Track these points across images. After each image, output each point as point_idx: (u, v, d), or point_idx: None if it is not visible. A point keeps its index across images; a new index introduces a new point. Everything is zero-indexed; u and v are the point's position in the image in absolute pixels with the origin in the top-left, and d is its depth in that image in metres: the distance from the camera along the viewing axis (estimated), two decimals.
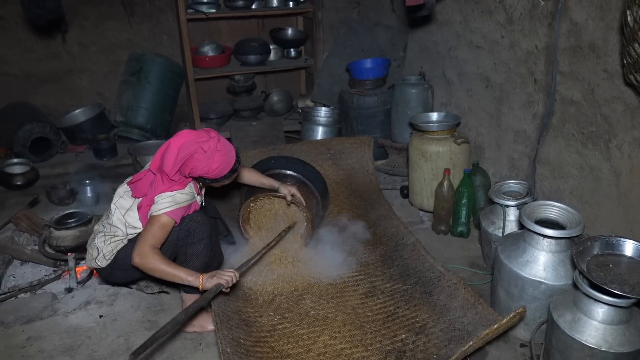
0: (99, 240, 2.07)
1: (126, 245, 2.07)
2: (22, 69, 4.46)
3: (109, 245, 2.06)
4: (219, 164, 1.99)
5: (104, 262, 2.07)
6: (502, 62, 2.87)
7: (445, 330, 2.09)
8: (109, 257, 2.07)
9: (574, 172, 2.46)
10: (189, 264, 2.07)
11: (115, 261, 2.08)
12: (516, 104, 2.81)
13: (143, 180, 2.07)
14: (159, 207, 1.96)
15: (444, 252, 2.80)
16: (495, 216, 2.49)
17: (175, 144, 1.96)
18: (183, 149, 1.95)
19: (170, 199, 1.97)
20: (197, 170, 1.97)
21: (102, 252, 2.06)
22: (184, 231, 2.05)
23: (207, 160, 1.96)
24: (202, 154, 1.95)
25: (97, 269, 2.13)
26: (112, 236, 2.06)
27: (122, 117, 4.40)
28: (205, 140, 1.97)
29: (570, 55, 2.37)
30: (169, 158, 1.95)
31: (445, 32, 3.40)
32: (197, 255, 2.10)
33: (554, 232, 1.96)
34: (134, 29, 4.65)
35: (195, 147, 1.95)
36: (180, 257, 2.10)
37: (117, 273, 2.14)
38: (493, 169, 3.11)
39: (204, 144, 1.96)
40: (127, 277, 2.22)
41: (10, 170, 3.74)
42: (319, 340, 2.10)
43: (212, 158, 1.96)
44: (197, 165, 1.96)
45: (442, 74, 3.52)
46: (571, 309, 1.78)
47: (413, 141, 3.10)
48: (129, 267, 2.07)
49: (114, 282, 2.36)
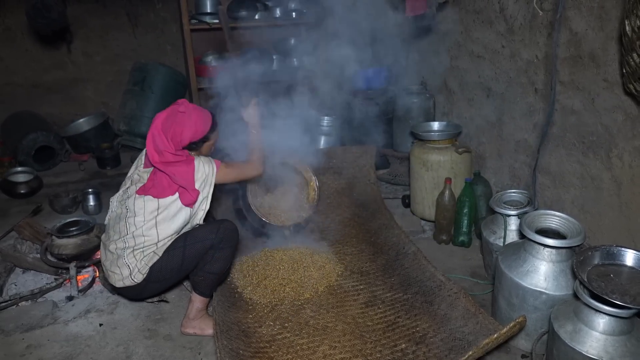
0: (128, 257, 2.06)
1: (160, 258, 2.08)
2: (28, 79, 4.52)
3: (142, 261, 2.06)
4: (200, 119, 2.12)
5: (139, 278, 2.08)
6: (503, 71, 2.88)
7: (445, 340, 2.07)
8: (144, 271, 2.07)
9: (575, 181, 2.45)
10: (213, 266, 2.14)
11: (151, 274, 2.09)
12: (517, 113, 2.81)
13: (158, 180, 2.09)
14: (209, 172, 2.12)
15: (445, 261, 2.79)
16: (497, 226, 2.48)
17: (156, 126, 2.07)
18: (164, 123, 2.06)
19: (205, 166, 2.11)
20: (185, 133, 2.07)
21: (137, 267, 2.06)
22: (219, 237, 2.11)
23: (188, 118, 2.08)
24: (181, 115, 2.08)
25: (130, 286, 2.12)
26: (142, 250, 2.06)
27: (126, 126, 4.43)
28: (177, 106, 2.12)
29: (570, 64, 2.37)
30: (159, 139, 2.04)
31: (446, 42, 3.42)
32: (223, 259, 2.15)
33: (554, 241, 1.95)
34: (139, 39, 4.71)
35: (172, 116, 2.08)
36: (207, 258, 2.13)
37: (152, 286, 2.16)
38: (494, 178, 3.11)
39: (178, 107, 2.11)
40: (161, 288, 2.26)
41: (14, 178, 3.77)
42: (319, 350, 2.09)
43: (191, 116, 2.09)
44: (183, 129, 2.06)
45: (444, 84, 3.54)
46: (572, 319, 1.77)
47: (414, 150, 3.11)
48: (164, 278, 2.13)
49: (147, 296, 2.35)
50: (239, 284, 2.52)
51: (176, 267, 2.11)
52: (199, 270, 2.15)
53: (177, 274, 2.15)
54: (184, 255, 2.09)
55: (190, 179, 2.07)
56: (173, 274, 2.14)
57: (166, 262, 2.08)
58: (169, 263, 2.09)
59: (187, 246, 2.09)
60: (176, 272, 2.14)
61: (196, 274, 2.17)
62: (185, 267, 2.14)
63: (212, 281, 2.18)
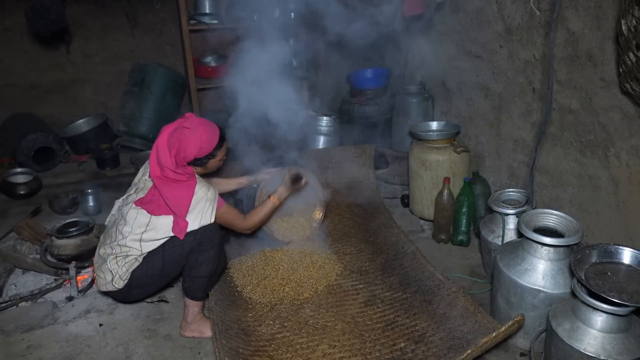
0: (111, 263, 2.05)
1: (141, 264, 2.07)
2: (27, 80, 4.52)
3: (123, 267, 2.05)
4: (206, 135, 2.06)
5: (120, 284, 2.07)
6: (500, 71, 2.89)
7: (444, 338, 2.08)
8: (125, 277, 2.06)
9: (573, 180, 2.46)
10: (199, 270, 2.11)
11: (132, 281, 2.07)
12: (515, 112, 2.82)
13: (157, 196, 2.05)
14: (207, 211, 2.06)
15: (444, 260, 2.79)
16: (495, 225, 2.49)
17: (162, 140, 2.02)
18: (170, 138, 2.02)
19: (206, 202, 2.06)
20: (189, 149, 2.03)
21: (118, 273, 2.05)
22: (197, 240, 2.06)
23: (193, 134, 2.03)
24: (187, 130, 2.03)
25: (113, 291, 2.12)
26: (124, 257, 2.05)
27: (125, 127, 4.44)
28: (184, 121, 2.07)
29: (567, 64, 2.38)
30: (163, 154, 1.99)
31: (444, 42, 3.43)
32: (207, 261, 2.11)
33: (552, 240, 1.96)
34: (137, 40, 4.71)
35: (178, 131, 2.03)
36: (190, 263, 2.10)
37: (135, 292, 2.15)
38: (493, 177, 3.12)
39: (184, 122, 2.05)
40: (146, 294, 2.25)
41: (14, 179, 3.77)
42: (318, 349, 2.10)
43: (197, 131, 2.04)
44: (187, 145, 2.02)
45: (442, 84, 3.54)
46: (570, 317, 1.78)
47: (413, 150, 3.11)
48: (146, 284, 2.11)
49: (132, 300, 2.35)
50: (239, 283, 2.53)
51: (157, 273, 2.09)
52: (186, 276, 2.13)
53: (159, 279, 2.13)
54: (163, 261, 2.07)
55: (184, 205, 2.01)
56: (155, 280, 2.12)
57: (146, 268, 2.06)
58: (150, 269, 2.07)
59: (165, 251, 2.06)
60: (158, 278, 2.12)
61: (184, 280, 2.15)
62: (167, 272, 2.12)
63: (202, 284, 2.15)
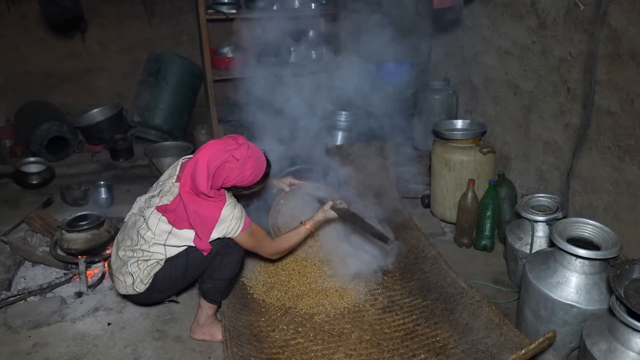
0: (132, 267, 1.95)
1: (163, 267, 1.97)
2: (42, 68, 4.47)
3: (145, 270, 1.95)
4: (252, 171, 1.91)
5: (142, 287, 1.98)
6: (532, 69, 2.74)
7: (467, 351, 1.98)
8: (146, 281, 1.97)
9: (609, 187, 2.31)
10: (221, 272, 2.03)
11: (154, 284, 1.98)
12: (547, 113, 2.67)
13: (180, 209, 1.91)
14: (232, 230, 1.92)
15: (466, 266, 2.67)
16: (523, 231, 2.36)
17: (203, 158, 1.83)
18: (213, 161, 1.83)
19: (232, 221, 1.91)
20: (230, 180, 1.89)
21: (139, 277, 1.96)
22: (224, 242, 1.98)
23: (240, 168, 1.87)
24: (235, 162, 1.86)
25: (133, 295, 2.03)
26: (146, 260, 1.95)
27: (140, 118, 4.36)
28: (235, 148, 1.88)
29: (607, 63, 2.23)
30: (200, 174, 1.81)
31: (472, 37, 3.27)
32: (232, 264, 2.03)
33: (588, 252, 1.83)
34: (154, 28, 4.63)
35: (226, 156, 1.85)
36: (214, 264, 2.02)
37: (156, 295, 2.07)
38: (520, 180, 2.97)
39: (235, 151, 1.87)
40: (166, 296, 2.17)
41: (27, 169, 3.73)
42: (334, 358, 2.00)
43: (245, 165, 1.88)
44: (230, 175, 1.87)
45: (468, 80, 3.40)
46: (606, 337, 1.65)
47: (436, 149, 2.98)
48: (168, 287, 2.04)
49: (152, 303, 2.28)
50: (250, 285, 2.44)
51: (180, 277, 2.01)
52: (207, 278, 2.05)
53: (181, 282, 2.06)
54: (187, 264, 1.98)
55: (209, 227, 1.88)
56: (177, 283, 2.05)
57: (169, 272, 1.98)
58: (173, 272, 1.98)
59: (189, 254, 1.97)
60: (180, 281, 2.04)
61: (204, 281, 2.07)
62: (190, 276, 2.04)
63: (222, 287, 2.08)
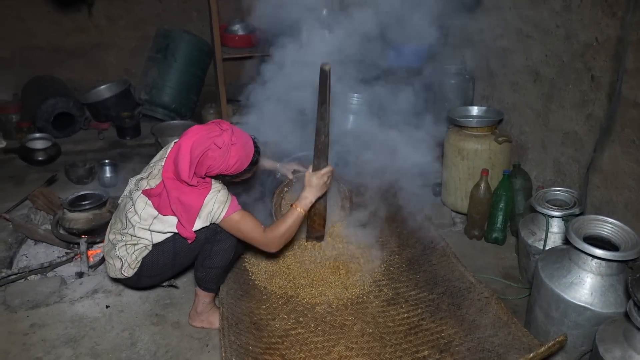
0: (120, 250, 1.92)
1: (151, 252, 1.93)
2: (49, 42, 4.40)
3: (133, 254, 1.91)
4: (237, 158, 1.83)
5: (130, 272, 1.94)
6: (554, 54, 2.60)
7: (473, 350, 1.90)
8: (134, 265, 1.93)
9: (631, 183, 2.19)
10: (212, 261, 1.96)
11: (142, 269, 1.95)
12: (568, 102, 2.54)
13: (164, 195, 1.86)
14: (215, 214, 1.84)
15: (476, 259, 2.59)
16: (537, 226, 2.26)
17: (186, 144, 1.77)
18: (195, 148, 1.77)
19: (214, 205, 1.83)
20: (214, 168, 1.81)
21: (127, 261, 1.92)
22: (212, 230, 1.91)
23: (223, 156, 1.79)
24: (217, 150, 1.78)
25: (123, 279, 2.00)
26: (134, 244, 1.91)
27: (147, 95, 4.29)
28: (217, 135, 1.80)
29: (636, 50, 2.09)
30: (182, 162, 1.76)
31: (491, 19, 3.12)
32: (223, 252, 1.97)
33: (605, 253, 1.73)
34: (163, 3, 4.52)
35: (208, 144, 1.78)
36: (205, 252, 1.96)
37: (145, 280, 2.03)
38: (536, 171, 2.85)
39: (217, 138, 1.79)
40: (157, 281, 2.13)
41: (32, 145, 3.69)
42: (334, 350, 1.94)
43: (228, 153, 1.80)
44: (213, 163, 1.79)
45: (485, 65, 3.25)
46: (621, 344, 1.56)
47: (449, 137, 2.87)
48: (157, 273, 1.99)
49: (144, 287, 2.25)
50: (252, 271, 2.39)
51: (169, 263, 1.96)
52: (199, 266, 2.00)
53: (170, 269, 2.01)
54: (175, 250, 1.93)
55: (192, 215, 1.83)
56: (166, 269, 2.00)
57: (157, 257, 1.93)
58: (160, 258, 1.94)
59: (177, 240, 1.91)
60: (169, 268, 2.00)
61: (197, 269, 2.02)
62: (180, 263, 1.99)
63: (215, 275, 2.02)
